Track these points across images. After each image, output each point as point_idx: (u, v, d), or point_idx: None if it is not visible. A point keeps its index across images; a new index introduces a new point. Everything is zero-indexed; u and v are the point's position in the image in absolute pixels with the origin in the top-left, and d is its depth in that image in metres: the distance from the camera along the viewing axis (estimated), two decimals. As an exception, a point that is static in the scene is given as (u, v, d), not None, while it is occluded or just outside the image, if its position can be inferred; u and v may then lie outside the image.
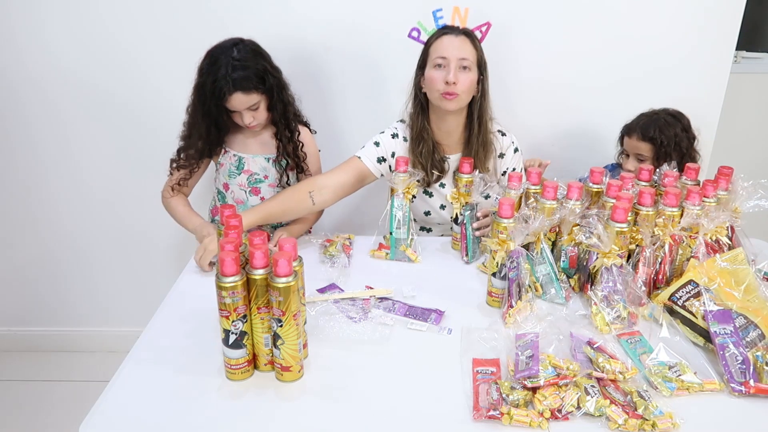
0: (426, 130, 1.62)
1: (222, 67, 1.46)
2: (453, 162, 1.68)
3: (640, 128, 1.71)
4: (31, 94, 1.96)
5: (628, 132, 1.75)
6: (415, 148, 1.64)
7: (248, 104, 1.52)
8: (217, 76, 1.46)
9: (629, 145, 1.74)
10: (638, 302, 1.23)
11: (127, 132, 2.02)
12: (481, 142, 1.62)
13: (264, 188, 1.68)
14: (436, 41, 1.55)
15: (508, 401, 0.98)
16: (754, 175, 1.38)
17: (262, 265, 1.00)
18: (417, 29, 1.67)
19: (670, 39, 1.87)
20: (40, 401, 2.11)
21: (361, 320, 1.23)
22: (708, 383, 1.03)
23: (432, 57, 1.55)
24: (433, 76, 1.53)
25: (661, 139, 1.68)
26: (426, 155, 1.63)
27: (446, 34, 1.55)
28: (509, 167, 1.71)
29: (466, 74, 1.52)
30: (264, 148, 1.67)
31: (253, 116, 1.55)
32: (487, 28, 1.66)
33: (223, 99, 1.48)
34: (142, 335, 1.19)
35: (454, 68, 1.50)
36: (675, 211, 1.28)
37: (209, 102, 1.50)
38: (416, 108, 1.63)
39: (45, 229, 2.18)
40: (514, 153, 1.71)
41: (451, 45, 1.52)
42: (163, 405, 1.00)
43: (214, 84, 1.47)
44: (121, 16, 1.84)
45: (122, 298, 2.30)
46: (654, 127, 1.68)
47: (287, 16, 1.83)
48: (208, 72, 1.48)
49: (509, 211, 1.27)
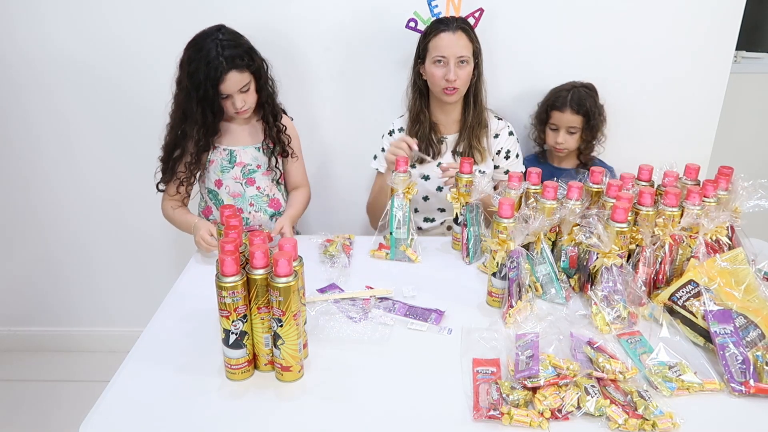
0: (423, 112, 1.75)
1: (212, 49, 1.46)
2: (450, 142, 1.79)
3: (572, 102, 1.78)
4: (33, 92, 1.96)
5: (559, 107, 1.79)
6: (411, 128, 1.77)
7: (241, 84, 1.51)
8: (209, 59, 1.46)
9: (561, 119, 1.80)
10: (638, 302, 1.23)
11: (129, 132, 2.02)
12: (476, 121, 1.75)
13: (258, 178, 1.67)
14: (434, 38, 1.65)
15: (508, 401, 0.98)
16: (754, 175, 1.38)
17: (263, 265, 1.00)
18: (414, 20, 1.72)
19: (670, 39, 1.87)
20: (41, 401, 2.11)
21: (361, 320, 1.23)
22: (708, 383, 1.03)
23: (431, 53, 1.65)
24: (433, 72, 1.65)
25: (592, 111, 1.79)
26: (422, 136, 1.74)
27: (444, 31, 1.63)
28: (503, 147, 1.80)
29: (465, 68, 1.64)
30: (252, 137, 1.67)
31: (244, 99, 1.54)
32: (480, 13, 1.72)
33: (219, 80, 1.47)
34: (143, 335, 1.19)
35: (453, 66, 1.62)
36: (675, 211, 1.28)
37: (205, 86, 1.48)
38: (415, 93, 1.75)
39: (46, 229, 2.18)
40: (508, 135, 1.81)
41: (449, 43, 1.62)
42: (163, 405, 1.00)
43: (208, 66, 1.46)
44: (125, 13, 1.84)
45: (123, 298, 2.30)
46: (585, 100, 1.78)
47: (283, 9, 1.83)
48: (197, 58, 1.47)
49: (509, 211, 1.27)
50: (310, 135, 1.98)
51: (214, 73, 1.46)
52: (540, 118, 1.86)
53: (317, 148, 2.02)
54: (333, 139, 2.02)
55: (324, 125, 2.00)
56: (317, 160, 2.02)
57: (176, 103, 1.57)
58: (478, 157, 1.77)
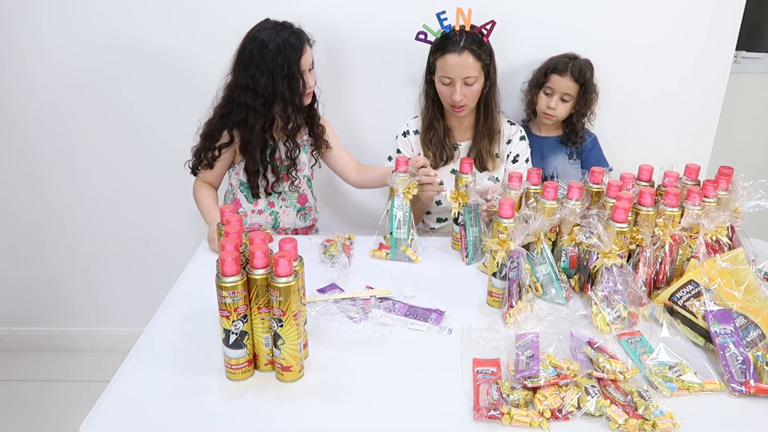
0: (437, 119, 1.76)
1: (280, 32, 1.52)
2: (463, 149, 1.80)
3: (573, 69, 1.77)
4: (32, 94, 1.96)
5: (559, 71, 1.78)
6: (425, 135, 1.78)
7: (310, 60, 1.58)
8: (285, 38, 1.51)
9: (559, 83, 1.78)
10: (638, 302, 1.23)
11: (126, 132, 2.01)
12: (488, 127, 1.75)
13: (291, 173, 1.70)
14: (440, 59, 1.63)
15: (508, 401, 0.98)
16: (754, 175, 1.38)
17: (263, 265, 1.00)
18: (424, 32, 1.67)
19: (670, 39, 1.87)
20: (41, 401, 2.11)
21: (362, 320, 1.23)
22: (708, 383, 1.03)
23: (438, 72, 1.66)
24: (442, 90, 1.67)
25: (590, 83, 1.79)
26: (436, 143, 1.77)
27: (449, 53, 1.60)
28: (513, 152, 1.80)
29: (472, 87, 1.64)
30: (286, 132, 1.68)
31: (313, 78, 1.60)
32: (492, 26, 1.64)
33: (301, 53, 1.52)
34: (143, 335, 1.19)
35: (460, 87, 1.62)
36: (675, 211, 1.28)
37: (289, 63, 1.51)
38: (428, 102, 1.76)
39: (45, 228, 2.18)
40: (520, 140, 1.81)
41: (454, 65, 1.60)
42: (163, 405, 1.00)
43: (286, 44, 1.50)
44: (125, 13, 1.84)
45: (123, 298, 2.29)
46: (585, 71, 1.78)
47: (283, 9, 1.81)
48: (271, 42, 1.51)
49: (509, 211, 1.27)
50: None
51: (295, 47, 1.51)
52: (537, 81, 1.83)
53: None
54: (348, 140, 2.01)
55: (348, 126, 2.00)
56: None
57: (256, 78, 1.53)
58: (490, 165, 1.77)
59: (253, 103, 1.54)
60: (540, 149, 1.89)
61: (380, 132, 1.95)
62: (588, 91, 1.79)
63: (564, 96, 1.80)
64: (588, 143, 1.89)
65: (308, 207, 1.78)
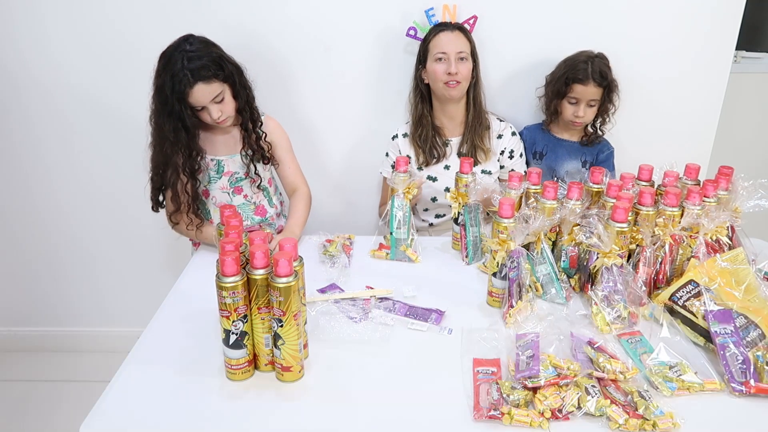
0: (425, 116, 1.82)
1: (177, 62, 1.42)
2: (455, 144, 1.85)
3: (594, 74, 1.74)
4: (33, 93, 1.96)
5: (581, 80, 1.75)
6: (414, 132, 1.83)
7: (212, 95, 1.47)
8: (174, 71, 1.42)
9: (584, 92, 1.76)
10: (639, 302, 1.23)
11: (129, 131, 2.00)
12: (478, 122, 1.81)
13: (245, 186, 1.66)
14: (434, 38, 1.74)
15: (508, 401, 0.98)
16: (754, 175, 1.38)
17: (263, 265, 1.00)
18: (414, 28, 1.80)
19: (670, 39, 1.87)
20: (41, 401, 2.11)
21: (362, 320, 1.23)
22: (708, 383, 1.03)
23: (432, 52, 1.73)
24: (435, 69, 1.72)
25: (612, 82, 1.78)
26: (425, 139, 1.82)
27: (443, 31, 1.73)
28: (507, 147, 1.85)
29: (464, 64, 1.72)
30: (237, 146, 1.64)
31: (220, 109, 1.50)
32: (474, 20, 1.79)
33: (185, 94, 1.44)
34: (143, 335, 1.19)
35: (454, 60, 1.70)
36: (675, 211, 1.28)
37: (171, 101, 1.44)
38: (417, 97, 1.82)
39: (46, 229, 2.18)
40: (511, 135, 1.86)
41: (448, 41, 1.71)
42: (163, 405, 1.00)
43: (173, 79, 1.42)
44: (125, 15, 1.84)
45: (123, 298, 2.29)
46: (605, 71, 1.76)
47: (283, 9, 1.83)
48: (164, 71, 1.44)
49: (509, 211, 1.27)
50: (310, 136, 1.98)
51: (179, 86, 1.42)
52: (558, 91, 1.80)
53: (316, 150, 2.02)
54: (334, 142, 2.02)
55: (324, 127, 2.00)
56: (318, 162, 2.02)
57: (152, 114, 1.51)
58: (482, 156, 1.81)
59: (154, 134, 1.52)
60: (556, 150, 1.89)
61: (380, 132, 1.95)
62: (611, 90, 1.79)
63: (590, 102, 1.79)
64: (604, 155, 1.88)
65: (270, 217, 1.72)
